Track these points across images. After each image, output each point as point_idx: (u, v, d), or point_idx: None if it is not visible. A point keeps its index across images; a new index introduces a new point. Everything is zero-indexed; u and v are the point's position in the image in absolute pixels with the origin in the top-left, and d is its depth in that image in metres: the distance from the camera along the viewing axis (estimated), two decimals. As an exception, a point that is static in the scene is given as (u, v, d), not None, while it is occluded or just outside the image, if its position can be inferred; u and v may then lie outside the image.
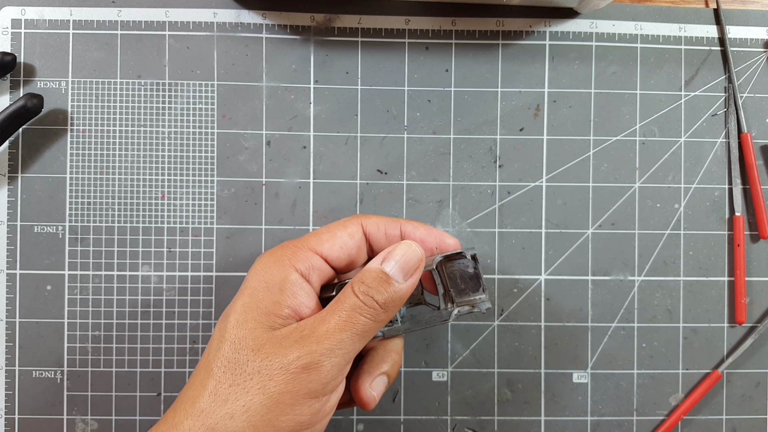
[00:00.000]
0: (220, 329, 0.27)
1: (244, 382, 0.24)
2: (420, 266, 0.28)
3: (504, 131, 0.38)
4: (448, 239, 0.30)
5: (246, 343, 0.25)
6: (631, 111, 0.38)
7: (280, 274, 0.27)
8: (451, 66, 0.37)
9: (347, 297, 0.26)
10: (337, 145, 0.37)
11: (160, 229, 0.36)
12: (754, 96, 0.38)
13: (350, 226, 0.29)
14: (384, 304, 0.26)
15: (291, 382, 0.24)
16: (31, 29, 0.36)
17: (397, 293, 0.27)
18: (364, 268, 0.28)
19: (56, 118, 0.36)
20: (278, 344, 0.25)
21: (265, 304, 0.26)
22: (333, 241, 0.29)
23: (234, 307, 0.27)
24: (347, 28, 0.37)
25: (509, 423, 0.37)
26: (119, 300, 0.36)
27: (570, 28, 0.38)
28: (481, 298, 0.29)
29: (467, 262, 0.30)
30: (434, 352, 0.37)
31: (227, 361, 0.25)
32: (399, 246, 0.28)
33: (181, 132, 0.37)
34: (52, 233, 0.36)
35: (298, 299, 0.27)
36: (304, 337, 0.25)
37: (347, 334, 0.25)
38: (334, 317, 0.26)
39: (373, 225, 0.30)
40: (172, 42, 0.37)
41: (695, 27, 0.38)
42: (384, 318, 0.26)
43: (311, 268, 0.28)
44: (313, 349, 0.25)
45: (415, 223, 0.31)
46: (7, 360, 0.36)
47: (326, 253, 0.28)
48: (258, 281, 0.27)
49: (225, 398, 0.24)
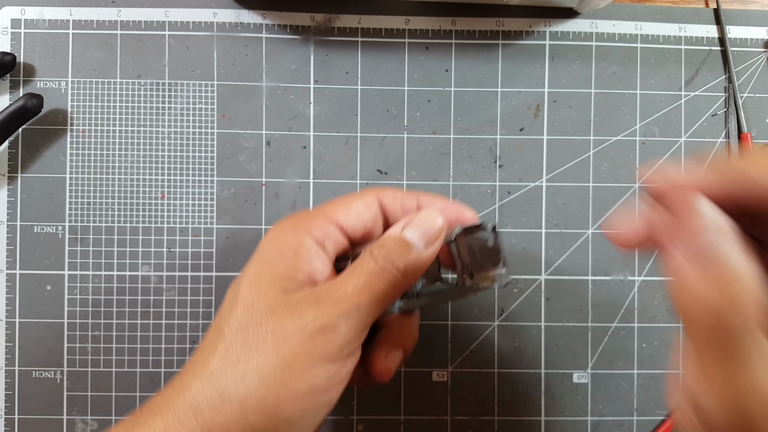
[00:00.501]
0: (233, 292, 0.26)
1: (257, 344, 0.24)
2: (441, 235, 0.27)
3: (504, 131, 0.38)
4: (466, 212, 0.29)
5: (260, 305, 0.25)
6: (631, 111, 0.38)
7: (295, 240, 0.26)
8: (451, 66, 0.37)
9: (366, 262, 0.25)
10: (337, 145, 0.37)
11: (160, 229, 0.36)
12: (754, 96, 0.38)
13: (366, 197, 0.29)
14: (404, 271, 0.25)
15: (306, 344, 0.24)
16: (30, 29, 0.36)
17: (418, 260, 0.26)
18: (385, 234, 0.27)
19: (56, 118, 0.36)
20: (293, 306, 0.24)
21: (280, 268, 0.26)
22: (349, 210, 0.28)
23: (247, 271, 0.26)
24: (347, 28, 0.37)
25: (509, 423, 0.37)
26: (119, 300, 0.36)
27: (570, 28, 0.38)
28: (501, 272, 0.28)
29: (487, 235, 0.28)
30: (434, 352, 0.37)
31: (239, 323, 0.24)
32: (420, 214, 0.27)
33: (181, 132, 0.37)
34: (51, 233, 0.36)
35: (312, 265, 0.26)
36: (320, 299, 0.24)
37: (365, 298, 0.24)
38: (352, 281, 0.25)
39: (389, 197, 0.29)
40: (172, 42, 0.37)
41: (695, 27, 0.38)
42: (403, 285, 0.26)
43: (326, 236, 0.27)
44: (330, 311, 0.24)
45: (433, 195, 0.30)
46: (7, 360, 0.36)
47: (342, 222, 0.28)
48: (272, 246, 0.27)
49: (236, 360, 0.24)
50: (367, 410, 0.37)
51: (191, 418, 0.23)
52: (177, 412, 0.23)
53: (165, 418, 0.23)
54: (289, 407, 0.23)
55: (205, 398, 0.23)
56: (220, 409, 0.23)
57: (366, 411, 0.37)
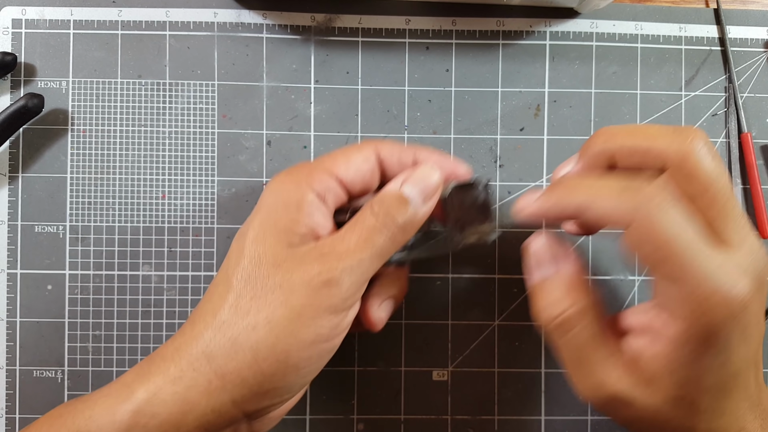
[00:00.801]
0: (238, 245, 0.27)
1: (266, 296, 0.25)
2: (438, 191, 0.28)
3: (504, 131, 0.38)
4: (460, 167, 0.31)
5: (266, 259, 0.26)
6: (631, 111, 0.38)
7: (297, 194, 0.27)
8: (451, 66, 0.37)
9: (366, 218, 0.27)
10: (338, 145, 0.37)
11: (161, 229, 0.36)
12: (754, 96, 0.38)
13: (365, 149, 0.29)
14: (403, 226, 0.27)
15: (312, 296, 0.25)
16: (31, 29, 0.36)
17: (416, 216, 0.27)
18: (384, 190, 0.28)
19: (57, 118, 0.36)
20: (299, 260, 0.26)
21: (283, 222, 0.27)
22: (348, 163, 0.29)
23: (251, 224, 0.27)
24: (347, 28, 0.37)
25: (509, 423, 0.37)
26: (120, 300, 0.36)
27: (570, 28, 0.38)
28: (489, 228, 0.30)
29: (479, 192, 0.30)
30: (434, 352, 0.37)
31: (247, 275, 0.26)
32: (418, 170, 0.28)
33: (181, 132, 0.37)
34: (52, 233, 0.36)
35: (314, 219, 0.27)
36: (324, 254, 0.26)
37: (367, 253, 0.26)
38: (353, 237, 0.26)
39: (387, 150, 0.30)
40: (173, 42, 0.37)
41: (695, 27, 0.38)
42: (401, 240, 0.27)
43: (327, 189, 0.28)
44: (334, 266, 0.25)
45: (429, 149, 0.31)
46: (8, 360, 0.36)
47: (341, 176, 0.28)
48: (275, 199, 0.27)
49: (246, 310, 0.25)
50: (367, 410, 0.37)
51: (205, 365, 0.25)
52: (190, 360, 0.25)
53: (179, 365, 0.25)
54: (297, 354, 0.25)
55: (218, 346, 0.25)
56: (233, 356, 0.24)
57: (366, 410, 0.37)
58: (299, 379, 0.26)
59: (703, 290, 0.23)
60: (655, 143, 0.25)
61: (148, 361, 0.26)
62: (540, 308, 0.28)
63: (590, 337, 0.26)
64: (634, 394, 0.25)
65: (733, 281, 0.23)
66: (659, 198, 0.24)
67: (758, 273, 0.24)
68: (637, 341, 0.26)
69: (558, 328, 0.27)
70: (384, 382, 0.37)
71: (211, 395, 0.25)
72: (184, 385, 0.25)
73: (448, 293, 0.37)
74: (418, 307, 0.37)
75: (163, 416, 0.24)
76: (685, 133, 0.25)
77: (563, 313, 0.27)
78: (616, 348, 0.26)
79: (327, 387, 0.37)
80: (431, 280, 0.37)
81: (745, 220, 0.25)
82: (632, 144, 0.26)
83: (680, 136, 0.25)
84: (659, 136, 0.25)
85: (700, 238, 0.23)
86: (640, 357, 0.26)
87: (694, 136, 0.25)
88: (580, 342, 0.26)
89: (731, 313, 0.23)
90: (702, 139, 0.25)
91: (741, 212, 0.25)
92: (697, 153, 0.24)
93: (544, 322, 0.28)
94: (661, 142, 0.25)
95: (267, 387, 0.25)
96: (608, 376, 0.26)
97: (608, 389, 0.26)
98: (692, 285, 0.23)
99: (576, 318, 0.27)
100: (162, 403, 0.24)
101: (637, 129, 0.27)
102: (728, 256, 0.24)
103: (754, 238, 0.25)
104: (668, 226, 0.23)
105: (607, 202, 0.25)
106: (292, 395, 0.27)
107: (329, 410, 0.37)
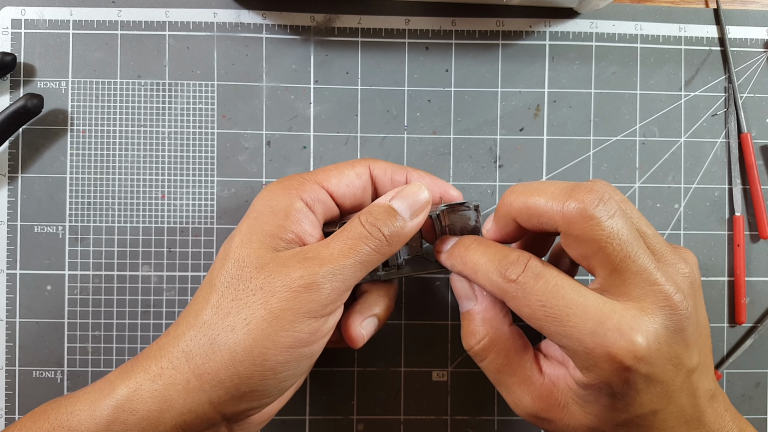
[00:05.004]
0: (225, 249, 0.27)
1: (247, 297, 0.25)
2: (426, 208, 0.28)
3: (504, 131, 0.38)
4: (452, 190, 0.32)
5: (250, 261, 0.26)
6: (631, 111, 0.38)
7: (286, 201, 0.28)
8: (451, 66, 0.37)
9: (353, 226, 0.27)
10: (337, 145, 0.37)
11: (160, 229, 0.36)
12: (754, 96, 0.38)
13: (358, 166, 0.30)
14: (389, 237, 0.27)
15: (292, 299, 0.25)
16: (31, 29, 0.36)
17: (402, 229, 0.27)
18: (373, 203, 0.28)
19: (56, 118, 0.36)
20: (282, 264, 0.26)
21: (270, 227, 0.27)
22: (340, 177, 0.29)
23: (239, 229, 0.28)
24: (347, 28, 0.37)
25: (509, 423, 0.37)
26: (119, 300, 0.36)
27: (570, 28, 0.38)
28: None
29: (469, 213, 0.30)
30: (434, 352, 0.37)
31: (230, 277, 0.26)
32: (408, 186, 0.29)
33: (181, 132, 0.37)
34: (52, 233, 0.36)
35: (302, 226, 0.27)
36: (307, 258, 0.26)
37: (350, 260, 0.26)
38: (338, 243, 0.26)
39: (380, 169, 0.31)
40: (172, 42, 0.37)
41: (695, 27, 0.38)
42: (387, 252, 0.27)
43: (316, 200, 0.28)
44: (315, 270, 0.25)
45: (421, 172, 0.32)
46: (7, 360, 0.36)
47: (332, 189, 0.29)
48: (264, 206, 0.28)
49: (227, 311, 0.25)
50: (367, 410, 0.37)
51: (184, 364, 0.25)
52: (171, 358, 0.25)
53: (159, 363, 0.25)
54: (274, 358, 0.25)
55: (198, 346, 0.25)
56: (210, 356, 0.25)
57: (366, 411, 0.37)
58: (277, 384, 0.26)
59: (593, 347, 0.24)
60: (545, 207, 0.26)
61: (134, 359, 0.26)
62: (462, 335, 0.30)
63: (503, 365, 0.28)
64: (551, 415, 0.27)
65: (626, 337, 0.23)
66: (534, 271, 0.25)
67: (664, 323, 0.24)
68: (554, 370, 0.27)
69: (476, 356, 0.29)
70: (384, 383, 0.37)
71: (188, 394, 0.25)
72: (163, 383, 0.25)
73: (448, 293, 0.37)
74: (418, 308, 0.37)
75: (141, 413, 0.24)
76: (575, 196, 0.25)
77: (479, 343, 0.28)
78: (528, 375, 0.28)
79: (327, 387, 0.37)
80: (431, 280, 0.37)
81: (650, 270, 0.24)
82: (527, 208, 0.27)
83: (569, 198, 0.25)
84: (551, 199, 0.26)
85: (586, 301, 0.24)
86: (555, 385, 0.27)
87: (583, 199, 0.25)
88: (495, 367, 0.28)
89: (624, 367, 0.23)
90: (596, 199, 0.24)
91: (644, 264, 0.24)
92: (585, 216, 0.24)
93: (465, 348, 0.29)
94: (552, 206, 0.25)
95: (244, 389, 0.25)
96: (521, 400, 0.28)
97: (526, 409, 0.28)
98: (583, 342, 0.24)
99: (488, 348, 0.28)
100: (141, 399, 0.24)
101: (533, 191, 0.27)
102: (624, 312, 0.24)
103: (663, 288, 0.24)
104: (543, 290, 0.25)
105: (482, 279, 0.27)
106: (272, 400, 0.27)
107: (329, 410, 0.37)
